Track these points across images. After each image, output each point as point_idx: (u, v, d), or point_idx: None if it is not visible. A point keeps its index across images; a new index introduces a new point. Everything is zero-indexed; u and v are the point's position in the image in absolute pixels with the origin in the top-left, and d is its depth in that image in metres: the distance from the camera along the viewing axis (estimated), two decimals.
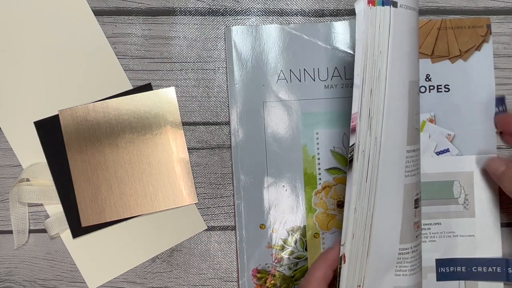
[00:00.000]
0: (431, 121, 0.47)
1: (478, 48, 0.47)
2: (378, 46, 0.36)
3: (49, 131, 0.47)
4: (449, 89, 0.47)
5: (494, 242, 0.47)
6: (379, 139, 0.36)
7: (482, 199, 0.47)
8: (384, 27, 0.36)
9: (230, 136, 0.48)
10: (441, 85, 0.47)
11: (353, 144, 0.36)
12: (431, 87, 0.47)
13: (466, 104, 0.47)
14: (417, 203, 0.39)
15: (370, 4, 0.35)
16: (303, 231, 0.47)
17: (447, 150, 0.47)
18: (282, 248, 0.47)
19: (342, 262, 0.37)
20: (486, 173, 0.46)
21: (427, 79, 0.47)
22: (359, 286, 0.37)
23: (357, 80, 0.36)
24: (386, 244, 0.38)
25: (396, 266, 0.38)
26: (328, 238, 0.47)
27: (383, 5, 0.35)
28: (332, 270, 0.39)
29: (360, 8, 0.35)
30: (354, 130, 0.36)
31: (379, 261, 0.37)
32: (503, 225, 0.47)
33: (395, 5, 0.36)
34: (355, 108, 0.36)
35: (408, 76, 0.37)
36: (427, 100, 0.47)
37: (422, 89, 0.47)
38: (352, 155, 0.36)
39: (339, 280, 0.37)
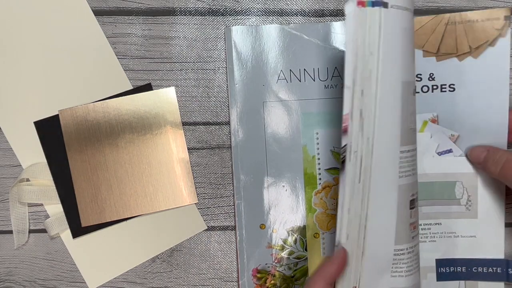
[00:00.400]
0: (433, 121, 0.47)
1: (492, 43, 0.45)
2: (369, 47, 0.35)
3: (49, 131, 0.47)
4: (454, 89, 0.46)
5: (496, 243, 0.46)
6: (371, 140, 0.36)
7: (487, 200, 0.46)
8: (374, 28, 0.35)
9: (230, 136, 0.48)
10: (445, 85, 0.46)
11: (345, 145, 0.36)
12: (434, 87, 0.46)
13: (473, 104, 0.46)
14: (413, 204, 0.39)
15: (360, 5, 0.35)
16: (303, 231, 0.47)
17: (449, 151, 0.47)
18: (282, 248, 0.47)
19: None
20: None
21: (430, 79, 0.46)
22: (355, 287, 0.37)
23: (347, 81, 0.36)
24: (381, 245, 0.37)
25: (392, 267, 0.38)
26: (328, 238, 0.47)
27: (373, 6, 0.35)
28: (330, 286, 0.37)
29: (350, 10, 0.35)
30: (345, 131, 0.36)
31: (374, 262, 0.37)
32: (506, 225, 0.47)
33: (385, 5, 0.35)
34: (346, 109, 0.36)
35: (401, 76, 0.37)
36: (429, 100, 0.46)
37: (425, 89, 0.46)
38: (345, 156, 0.36)
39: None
